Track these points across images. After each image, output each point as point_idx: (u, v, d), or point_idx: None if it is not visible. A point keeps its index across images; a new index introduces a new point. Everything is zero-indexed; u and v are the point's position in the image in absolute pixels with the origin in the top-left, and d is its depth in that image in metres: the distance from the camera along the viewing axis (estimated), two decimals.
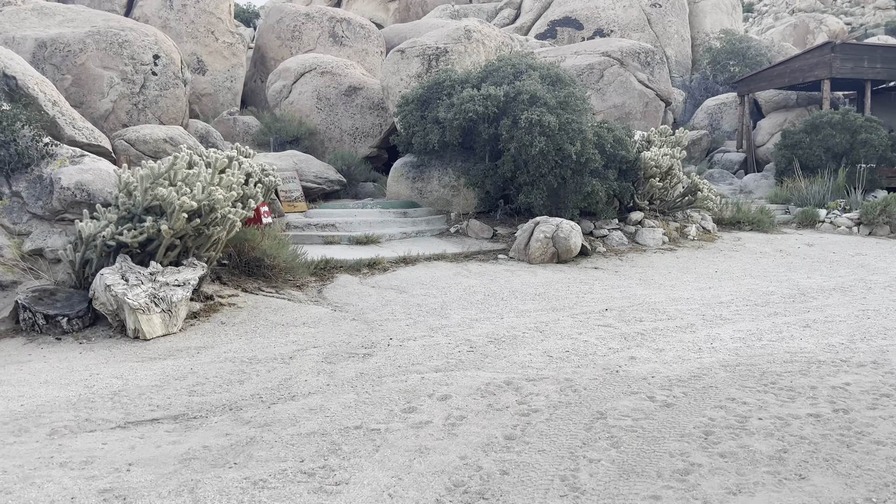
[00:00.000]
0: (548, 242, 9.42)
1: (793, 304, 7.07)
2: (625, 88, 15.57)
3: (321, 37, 18.34)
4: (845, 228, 11.89)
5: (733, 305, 7.03)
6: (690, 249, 10.51)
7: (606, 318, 6.53)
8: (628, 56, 15.64)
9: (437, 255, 9.44)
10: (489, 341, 5.68)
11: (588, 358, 5.18)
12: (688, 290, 7.84)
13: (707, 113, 20.76)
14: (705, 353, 5.27)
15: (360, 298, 7.37)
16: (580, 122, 9.88)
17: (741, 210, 12.34)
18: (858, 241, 11.19)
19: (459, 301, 7.27)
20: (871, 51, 16.69)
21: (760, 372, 4.75)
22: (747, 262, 9.65)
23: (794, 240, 11.36)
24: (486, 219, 11.04)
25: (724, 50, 22.53)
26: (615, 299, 7.40)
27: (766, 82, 18.16)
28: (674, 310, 6.84)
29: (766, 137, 18.75)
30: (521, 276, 8.59)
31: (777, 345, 5.49)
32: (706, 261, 9.72)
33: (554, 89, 10.49)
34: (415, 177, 11.52)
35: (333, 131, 14.84)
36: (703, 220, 11.84)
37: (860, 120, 14.54)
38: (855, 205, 12.45)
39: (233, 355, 5.36)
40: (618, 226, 10.99)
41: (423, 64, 12.89)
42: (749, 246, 10.81)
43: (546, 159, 9.89)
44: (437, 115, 10.37)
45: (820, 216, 12.42)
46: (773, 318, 6.42)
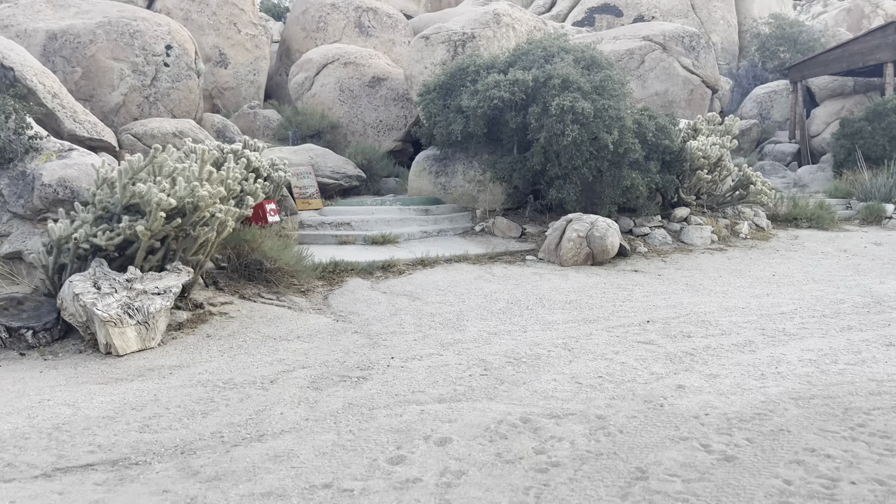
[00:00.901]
0: (581, 242, 8.50)
1: (868, 315, 6.03)
2: (668, 75, 14.47)
3: (347, 27, 17.63)
4: None
5: (797, 317, 6.03)
6: (743, 249, 9.46)
7: (648, 332, 5.60)
8: (671, 40, 14.53)
9: (458, 257, 8.60)
10: (508, 362, 4.82)
11: (625, 386, 4.28)
12: (742, 298, 6.84)
13: (756, 102, 19.45)
14: (770, 381, 4.32)
15: (367, 306, 6.57)
16: (618, 109, 8.92)
17: (798, 205, 11.20)
18: None
19: (478, 310, 6.42)
20: None
21: (842, 408, 3.79)
22: (808, 263, 8.57)
23: (858, 238, 10.19)
24: (514, 216, 10.15)
25: (774, 35, 21.12)
26: (658, 309, 6.46)
27: (822, 68, 16.81)
28: (727, 322, 5.87)
29: (821, 127, 17.41)
30: (551, 281, 7.70)
31: (857, 369, 4.50)
32: (761, 262, 8.67)
33: (589, 73, 9.54)
34: (438, 171, 10.69)
35: (356, 124, 14.09)
36: (756, 217, 10.75)
37: None
38: None
39: (207, 377, 4.61)
40: (661, 223, 9.99)
41: (449, 51, 12.05)
42: (808, 245, 9.71)
43: (579, 150, 8.96)
44: (461, 104, 9.52)
45: (887, 211, 11.20)
46: (848, 334, 5.41)
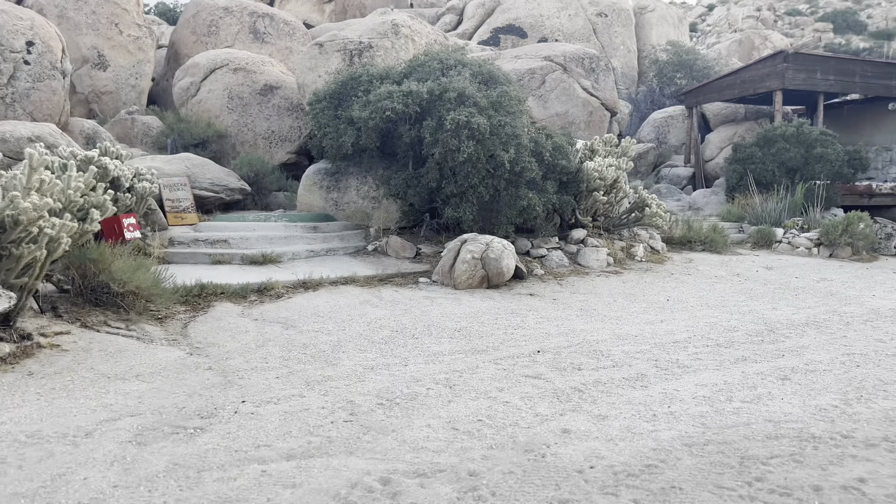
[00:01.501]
0: (476, 264, 8.05)
1: (762, 344, 5.84)
2: (568, 96, 14.43)
3: (241, 33, 16.71)
4: (804, 249, 10.91)
5: (691, 346, 5.76)
6: (638, 272, 9.30)
7: (537, 364, 5.16)
8: (571, 61, 14.52)
9: (345, 279, 7.96)
10: (379, 403, 4.23)
11: (506, 432, 3.78)
12: (636, 325, 6.55)
13: (654, 126, 19.90)
14: (662, 423, 3.93)
15: (232, 336, 5.82)
16: (515, 126, 8.58)
17: (692, 228, 11.26)
18: (820, 263, 10.19)
19: (359, 340, 5.81)
20: (825, 62, 16.02)
21: (739, 457, 3.43)
22: (702, 288, 8.47)
23: (750, 262, 10.29)
24: (409, 235, 9.62)
25: (671, 62, 21.80)
26: (551, 337, 6.05)
27: (715, 94, 17.35)
28: (620, 352, 5.52)
29: (715, 151, 17.94)
30: (443, 306, 7.18)
31: (753, 408, 4.20)
32: (656, 286, 8.50)
33: (486, 89, 9.18)
34: (329, 186, 10.04)
35: (246, 134, 13.22)
36: (652, 240, 10.69)
37: (815, 133, 13.73)
38: (814, 224, 11.51)
39: (9, 428, 3.76)
40: (558, 245, 9.71)
41: (345, 59, 11.45)
42: (702, 269, 9.68)
43: (476, 167, 8.55)
44: (352, 115, 8.93)
45: (777, 236, 11.44)
46: (743, 366, 5.15)
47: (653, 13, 24.29)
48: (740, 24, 39.20)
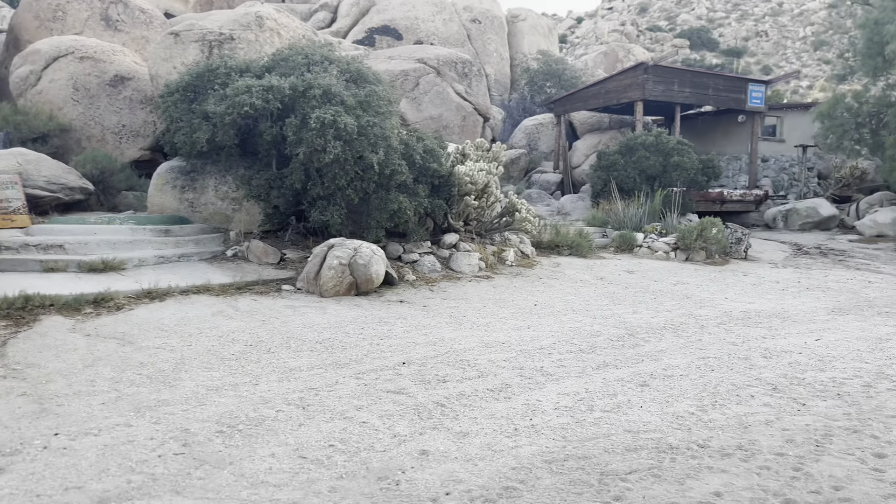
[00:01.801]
0: (343, 270, 7.69)
1: (623, 349, 5.90)
2: (442, 99, 14.36)
3: (91, 19, 15.32)
4: (663, 253, 11.39)
5: (555, 352, 5.72)
6: (508, 277, 9.29)
7: (401, 377, 4.89)
8: (445, 65, 14.47)
9: (198, 287, 7.34)
10: (219, 431, 3.79)
11: (360, 457, 3.47)
12: (504, 331, 6.45)
13: (525, 133, 20.32)
14: (523, 438, 3.77)
15: (57, 355, 5.12)
16: (384, 127, 8.30)
17: (560, 233, 11.46)
18: (677, 267, 10.66)
19: (206, 356, 5.29)
20: (681, 74, 16.97)
21: (599, 473, 3.32)
22: (568, 292, 8.57)
23: (613, 266, 10.59)
24: (273, 240, 9.09)
25: (542, 71, 22.40)
26: (418, 346, 5.81)
27: (582, 103, 17.95)
28: (486, 361, 5.37)
29: (581, 159, 18.55)
30: (306, 315, 6.76)
31: (614, 418, 4.14)
32: (525, 291, 8.50)
33: (355, 87, 8.83)
34: (185, 185, 9.30)
35: (93, 128, 12.08)
36: (522, 244, 10.77)
37: (673, 142, 14.47)
38: (671, 229, 12.07)
39: None
40: (431, 249, 9.53)
41: (203, 51, 10.71)
42: (569, 273, 9.83)
43: (344, 169, 8.18)
44: (207, 109, 8.29)
45: (638, 240, 11.88)
46: (604, 373, 5.14)
47: (524, 22, 24.88)
48: (606, 37, 41.20)
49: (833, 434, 3.84)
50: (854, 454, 3.54)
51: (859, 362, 5.42)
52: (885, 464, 3.40)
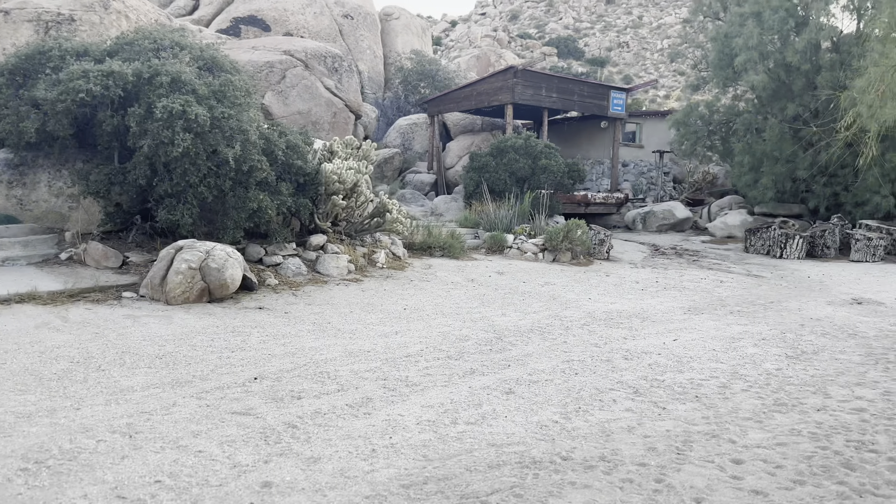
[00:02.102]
0: (194, 275, 7.05)
1: (490, 353, 5.74)
2: (311, 94, 13.79)
3: None
4: (531, 254, 11.51)
5: (422, 360, 5.46)
6: (379, 280, 8.97)
7: (251, 395, 4.43)
8: (314, 58, 13.91)
9: (21, 296, 6.45)
10: (23, 468, 3.20)
11: (191, 495, 3.02)
12: (370, 338, 6.13)
13: (399, 132, 20.09)
14: (380, 461, 3.46)
15: None
16: (241, 120, 7.72)
17: (432, 234, 11.29)
18: (545, 268, 10.78)
19: (22, 376, 4.57)
20: (549, 80, 17.37)
21: (459, 496, 3.07)
22: (439, 295, 8.37)
23: (484, 267, 10.55)
24: (116, 242, 8.24)
25: (416, 70, 22.27)
26: (274, 359, 5.36)
27: (454, 104, 17.96)
28: (348, 373, 5.02)
29: (455, 159, 18.57)
30: (148, 326, 6.10)
31: (477, 431, 3.93)
32: (395, 295, 8.21)
33: (209, 76, 8.17)
34: (12, 180, 8.24)
35: None
36: (394, 246, 10.48)
37: (541, 146, 14.73)
38: (539, 230, 12.24)
39: None
40: (296, 251, 9.03)
41: (39, 32, 9.58)
42: (440, 275, 9.66)
43: (195, 164, 7.53)
44: (37, 95, 7.35)
45: (508, 241, 11.94)
46: (471, 380, 4.94)
47: (398, 21, 24.66)
48: (479, 41, 41.90)
49: (693, 440, 3.83)
50: (714, 461, 3.52)
51: (715, 362, 5.57)
52: (743, 470, 3.40)
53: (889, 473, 3.33)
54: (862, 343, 6.21)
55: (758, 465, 3.47)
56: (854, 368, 5.36)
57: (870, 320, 7.24)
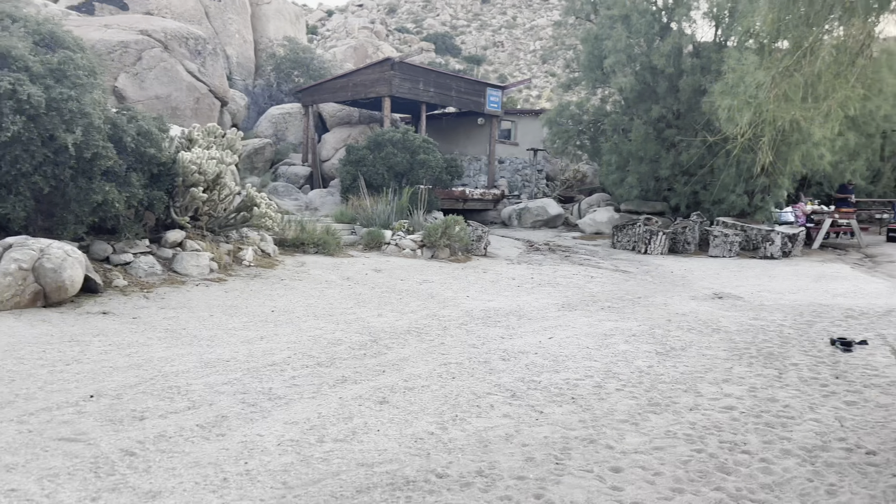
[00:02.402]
0: (26, 277, 6.19)
1: (364, 359, 5.40)
2: (170, 78, 12.78)
3: None
4: (410, 251, 11.25)
5: (289, 368, 5.03)
6: (245, 280, 8.37)
7: (84, 417, 3.84)
8: (174, 39, 12.90)
9: None
10: None
11: None
12: (231, 345, 5.60)
13: (272, 122, 19.20)
14: (233, 492, 3.04)
15: None
16: (82, 102, 6.87)
17: (306, 230, 10.76)
18: (423, 265, 10.56)
19: None
20: (426, 74, 17.18)
21: None
22: (312, 295, 7.91)
23: (361, 264, 10.17)
24: None
25: (289, 58, 21.40)
26: (116, 372, 4.73)
27: (330, 94, 17.38)
28: (203, 386, 4.50)
29: (331, 152, 17.98)
30: None
31: (347, 449, 3.59)
32: (262, 295, 7.67)
33: (48, 53, 7.23)
34: None
35: None
36: (263, 242, 9.87)
37: (419, 140, 14.51)
38: (418, 226, 12.01)
39: None
40: (149, 249, 8.23)
41: None
42: (314, 273, 9.18)
43: (28, 151, 6.64)
44: None
45: (386, 237, 11.62)
46: (342, 390, 4.58)
47: (269, 6, 23.60)
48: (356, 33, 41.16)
49: (571, 447, 3.69)
50: (593, 470, 3.38)
51: (589, 360, 5.53)
52: (623, 480, 3.28)
53: (763, 476, 3.33)
54: (725, 338, 6.44)
55: (636, 474, 3.37)
56: (721, 364, 5.50)
57: (731, 315, 7.57)
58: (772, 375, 5.18)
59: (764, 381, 5.04)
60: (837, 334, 6.54)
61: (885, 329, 6.84)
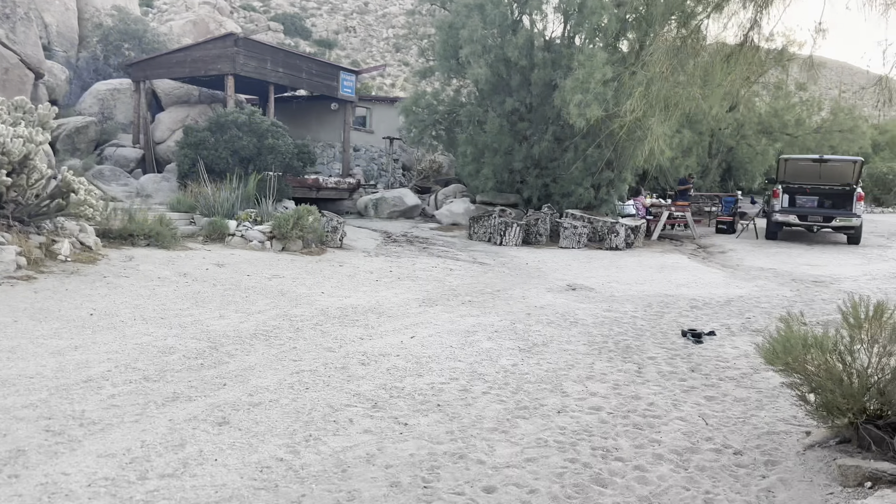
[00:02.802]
0: None
1: (202, 370, 4.73)
2: None
3: None
4: (258, 243, 10.43)
5: (108, 385, 4.27)
6: (60, 277, 7.25)
7: None
8: None
9: None
10: None
11: None
12: (37, 358, 4.71)
13: (97, 98, 17.29)
14: None
15: None
16: None
17: (135, 220, 9.61)
18: (273, 258, 9.81)
19: None
20: (275, 53, 16.18)
21: None
22: (140, 295, 6.99)
23: (201, 258, 9.25)
24: None
25: (118, 29, 19.41)
26: None
27: (165, 70, 15.89)
28: None
29: (166, 133, 16.49)
30: None
31: (176, 486, 2.99)
32: (80, 296, 6.65)
33: None
34: None
35: None
36: (83, 233, 8.65)
37: (267, 123, 13.59)
38: (267, 216, 11.18)
39: None
40: None
41: None
42: (144, 269, 8.18)
43: None
44: None
45: (230, 228, 10.70)
46: (172, 410, 3.92)
47: None
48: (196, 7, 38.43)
49: (440, 465, 3.33)
50: (465, 493, 3.05)
51: (453, 361, 5.23)
52: (497, 502, 2.96)
53: (640, 487, 3.15)
54: (584, 331, 6.40)
55: (511, 493, 3.07)
56: (582, 360, 5.41)
57: (586, 307, 7.62)
58: (632, 371, 5.15)
59: (626, 376, 4.99)
60: (687, 325, 6.73)
61: (728, 319, 7.16)
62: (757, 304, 8.04)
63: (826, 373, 3.50)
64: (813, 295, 8.71)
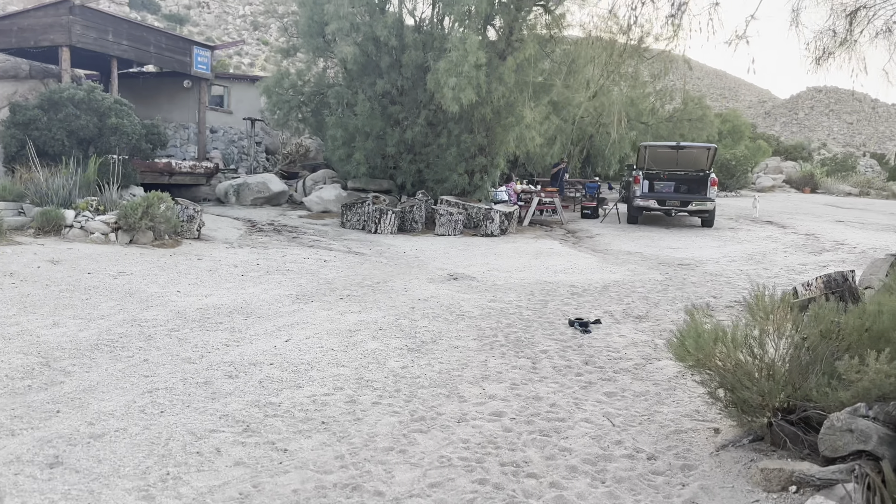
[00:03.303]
0: None
1: (29, 393, 3.90)
2: None
3: None
4: (101, 235, 9.23)
5: None
6: None
7: None
8: None
9: None
10: None
11: None
12: None
13: None
14: None
15: None
16: None
17: None
18: (119, 252, 8.69)
19: None
20: (118, 23, 14.52)
21: None
22: None
23: (32, 254, 8.00)
24: None
25: None
26: None
27: None
28: None
29: None
30: None
31: None
32: None
33: None
34: None
35: None
36: None
37: (109, 101, 12.14)
38: (111, 205, 9.93)
39: None
40: None
41: None
42: None
43: None
44: None
45: (67, 219, 9.40)
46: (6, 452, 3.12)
47: None
48: None
49: (331, 502, 2.83)
50: None
51: (337, 366, 4.70)
52: None
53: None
54: (472, 325, 6.08)
55: None
56: (475, 357, 5.07)
57: (470, 297, 7.31)
58: (527, 367, 4.87)
59: (522, 374, 4.70)
60: (572, 314, 6.59)
61: (609, 305, 7.12)
62: (633, 289, 8.11)
63: (737, 368, 3.35)
64: (682, 278, 8.95)
